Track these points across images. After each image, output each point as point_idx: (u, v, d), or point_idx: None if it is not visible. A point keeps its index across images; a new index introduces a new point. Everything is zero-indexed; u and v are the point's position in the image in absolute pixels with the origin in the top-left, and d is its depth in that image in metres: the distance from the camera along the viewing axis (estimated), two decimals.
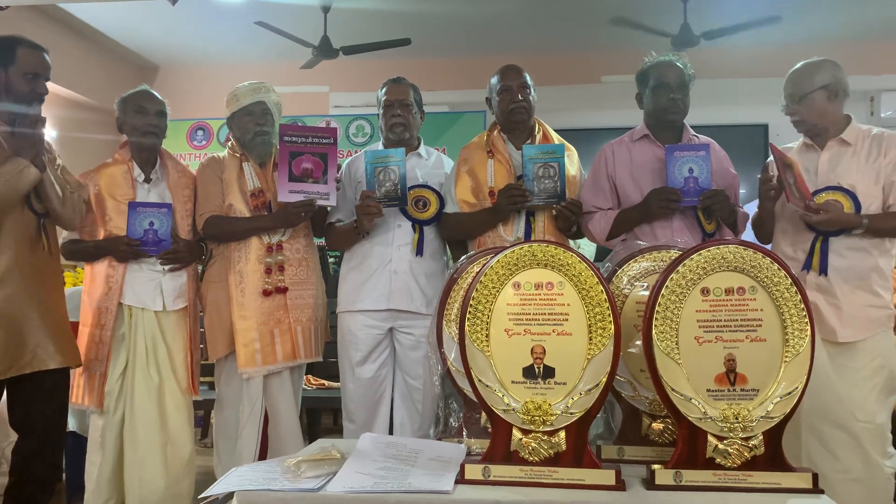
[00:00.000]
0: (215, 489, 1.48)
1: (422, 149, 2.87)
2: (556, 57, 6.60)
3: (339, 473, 1.52)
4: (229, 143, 2.85)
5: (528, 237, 2.62)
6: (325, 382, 3.66)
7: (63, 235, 2.71)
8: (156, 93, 2.79)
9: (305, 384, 3.62)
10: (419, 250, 2.71)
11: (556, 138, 2.77)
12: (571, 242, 2.93)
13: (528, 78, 2.75)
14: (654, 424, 1.69)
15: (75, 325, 2.69)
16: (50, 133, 5.96)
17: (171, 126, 2.95)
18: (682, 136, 2.63)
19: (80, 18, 5.91)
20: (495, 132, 2.78)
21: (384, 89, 2.82)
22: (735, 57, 6.00)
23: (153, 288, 2.65)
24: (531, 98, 2.73)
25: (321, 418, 4.00)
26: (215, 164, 2.81)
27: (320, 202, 2.60)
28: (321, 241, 2.97)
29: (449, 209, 2.74)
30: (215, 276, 2.73)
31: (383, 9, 5.73)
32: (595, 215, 2.66)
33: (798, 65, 2.58)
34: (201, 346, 2.81)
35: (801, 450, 2.34)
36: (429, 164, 2.84)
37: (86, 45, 6.28)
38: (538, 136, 2.74)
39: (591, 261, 1.55)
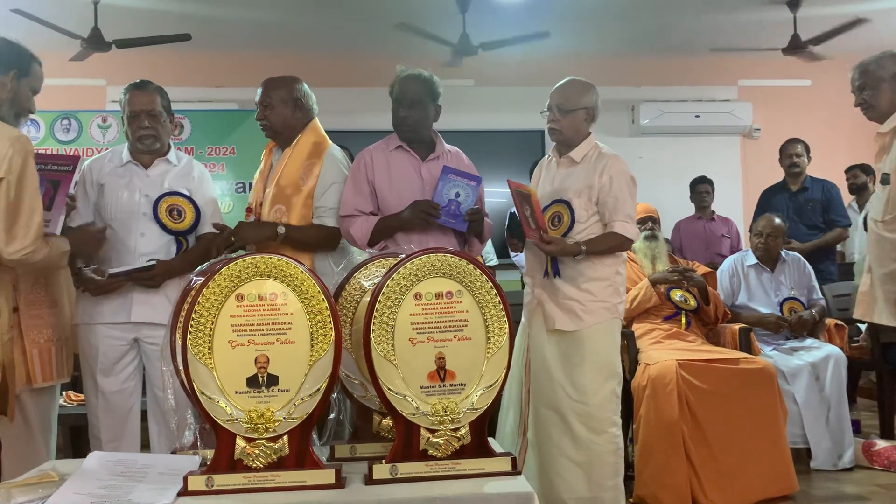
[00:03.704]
0: None
1: (171, 154, 2.79)
2: (345, 58, 6.67)
3: (53, 496, 1.47)
4: None
5: None
6: None
7: None
8: None
9: (66, 401, 3.41)
10: None
11: (312, 144, 2.81)
12: None
13: (276, 92, 2.78)
14: (384, 422, 1.79)
15: None
16: None
17: None
18: (434, 146, 2.79)
19: None
20: None
21: (127, 96, 2.71)
22: (511, 66, 6.41)
23: None
24: (280, 110, 2.78)
25: (86, 435, 3.77)
26: None
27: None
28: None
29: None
30: None
31: (160, 4, 5.50)
32: (357, 219, 2.74)
33: (566, 80, 2.86)
34: None
35: (531, 434, 2.61)
36: (178, 171, 2.77)
37: None
38: (297, 144, 2.80)
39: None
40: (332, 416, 1.79)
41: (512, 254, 4.69)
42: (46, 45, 5.77)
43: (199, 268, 1.80)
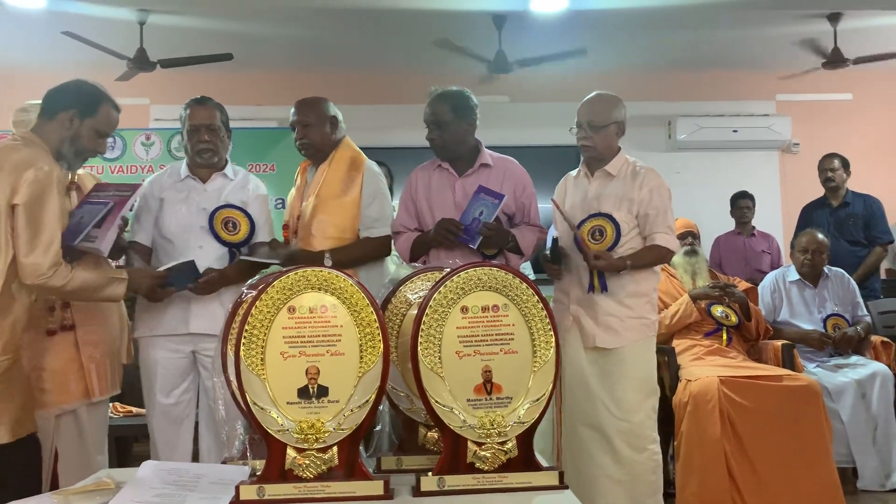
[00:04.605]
0: None
1: (228, 169, 2.86)
2: (379, 76, 6.75)
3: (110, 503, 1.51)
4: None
5: None
6: (133, 409, 3.54)
7: None
8: None
9: (113, 412, 3.49)
10: None
11: (350, 158, 2.85)
12: None
13: (315, 109, 2.85)
14: (429, 434, 1.81)
15: None
16: None
17: None
18: (474, 160, 2.82)
19: None
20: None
21: (188, 111, 2.79)
22: (547, 82, 6.42)
23: None
24: (318, 129, 2.84)
25: (133, 447, 3.85)
26: None
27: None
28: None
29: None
30: None
31: (204, 24, 5.63)
32: (402, 236, 2.82)
33: (592, 95, 2.87)
34: None
35: (570, 455, 2.59)
36: (234, 185, 2.84)
37: None
38: (333, 159, 2.85)
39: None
40: (377, 427, 1.81)
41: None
42: (94, 65, 5.96)
43: (249, 281, 1.84)
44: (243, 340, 1.57)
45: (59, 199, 2.19)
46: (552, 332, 1.63)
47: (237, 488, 1.54)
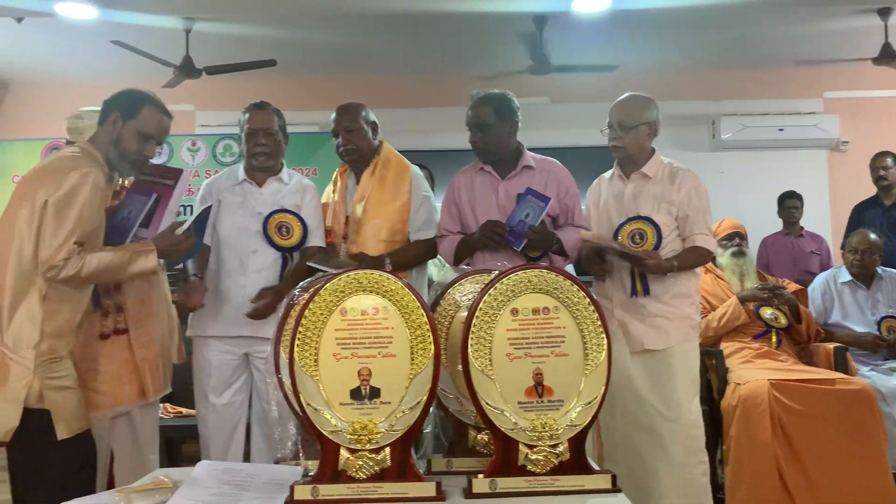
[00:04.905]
0: None
1: (284, 173, 2.88)
2: (420, 79, 6.78)
3: (168, 502, 1.54)
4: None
5: None
6: (183, 410, 3.60)
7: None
8: None
9: (163, 413, 3.55)
10: (282, 279, 2.72)
11: (394, 163, 2.87)
12: None
13: (358, 115, 2.86)
14: (479, 436, 1.81)
15: None
16: None
17: (25, 145, 2.90)
18: (517, 162, 2.81)
19: None
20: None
21: (247, 115, 2.82)
22: (587, 83, 6.38)
23: None
24: (363, 134, 2.85)
25: (182, 447, 3.92)
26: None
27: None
28: None
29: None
30: None
31: (247, 31, 5.72)
32: (445, 239, 2.83)
33: (624, 96, 2.85)
34: None
35: (620, 457, 2.56)
36: (289, 189, 2.84)
37: None
38: (377, 164, 2.86)
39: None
40: (427, 429, 1.82)
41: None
42: (142, 73, 6.09)
43: (301, 283, 1.86)
44: (297, 342, 1.59)
45: (91, 200, 2.17)
46: (604, 335, 1.62)
47: (292, 488, 1.56)
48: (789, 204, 5.59)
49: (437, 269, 3.51)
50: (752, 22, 5.85)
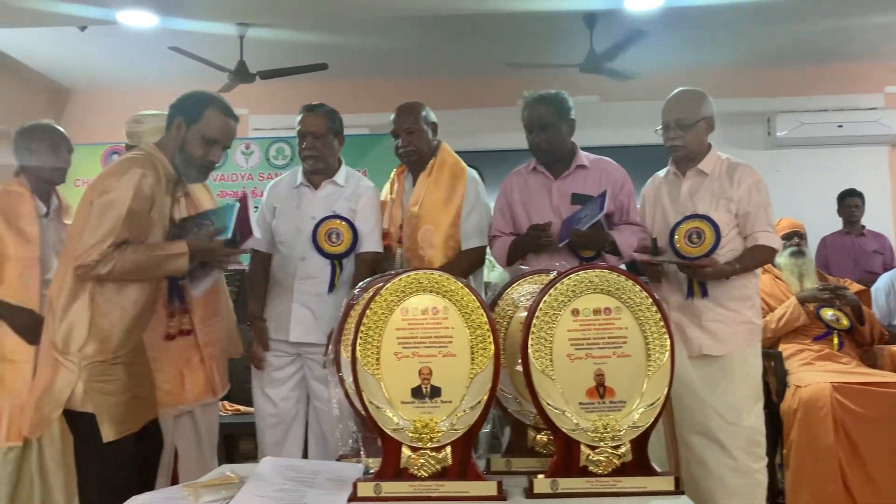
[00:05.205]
0: None
1: (339, 175, 2.83)
2: (470, 80, 6.79)
3: (235, 497, 1.57)
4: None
5: None
6: (241, 408, 3.67)
7: None
8: (60, 128, 2.84)
9: (221, 410, 3.63)
10: (331, 286, 2.71)
11: (451, 166, 2.86)
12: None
13: (419, 116, 2.84)
14: (538, 437, 1.81)
15: None
16: None
17: (86, 150, 3.00)
18: (570, 161, 2.80)
19: None
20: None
21: (300, 117, 2.82)
22: (638, 81, 6.30)
23: None
24: (423, 135, 2.83)
25: (239, 444, 4.01)
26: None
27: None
28: None
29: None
30: None
31: (300, 36, 5.81)
32: (498, 240, 2.82)
33: (677, 92, 2.78)
34: None
35: (682, 464, 2.52)
36: (344, 192, 2.82)
37: None
38: (434, 166, 2.85)
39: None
40: (486, 429, 1.83)
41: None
42: (197, 78, 6.24)
43: (360, 283, 1.89)
44: (359, 341, 1.61)
45: (136, 203, 2.13)
46: (667, 336, 1.60)
47: (355, 485, 1.58)
48: (849, 202, 5.43)
49: (487, 269, 3.50)
50: (809, 15, 5.70)
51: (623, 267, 3.66)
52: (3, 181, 2.87)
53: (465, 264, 2.80)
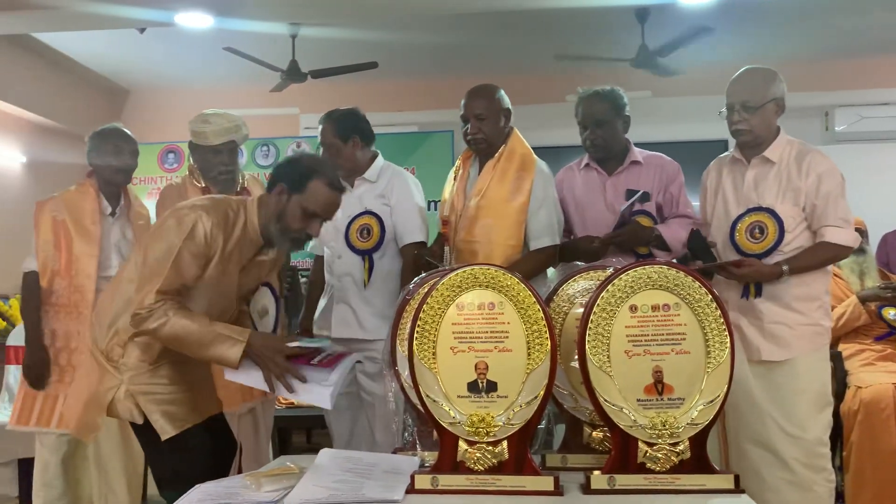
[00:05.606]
0: None
1: (371, 171, 2.77)
2: (520, 77, 6.76)
3: (296, 487, 1.61)
4: (189, 173, 2.89)
5: None
6: (295, 401, 3.72)
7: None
8: (128, 131, 2.92)
9: (276, 404, 3.70)
10: (365, 282, 2.71)
11: (520, 156, 2.69)
12: None
13: (492, 100, 2.65)
14: (594, 433, 1.80)
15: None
16: (19, 159, 6.03)
17: (143, 149, 3.08)
18: (624, 157, 2.76)
19: (49, 45, 5.97)
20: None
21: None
22: (690, 75, 6.20)
23: None
24: (494, 122, 2.63)
25: (292, 437, 4.07)
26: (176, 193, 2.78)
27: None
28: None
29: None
30: None
31: (350, 35, 5.87)
32: None
33: (742, 71, 2.54)
34: None
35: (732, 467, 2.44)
36: (374, 187, 2.77)
37: (56, 71, 6.32)
38: (502, 155, 2.67)
39: None
40: (541, 425, 1.83)
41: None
42: (250, 78, 6.38)
43: (415, 279, 1.90)
44: (416, 335, 1.63)
45: (183, 245, 1.99)
46: (727, 333, 1.58)
47: (412, 477, 1.60)
48: None
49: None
50: (869, 6, 5.53)
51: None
52: (76, 181, 2.98)
53: (535, 265, 2.60)
